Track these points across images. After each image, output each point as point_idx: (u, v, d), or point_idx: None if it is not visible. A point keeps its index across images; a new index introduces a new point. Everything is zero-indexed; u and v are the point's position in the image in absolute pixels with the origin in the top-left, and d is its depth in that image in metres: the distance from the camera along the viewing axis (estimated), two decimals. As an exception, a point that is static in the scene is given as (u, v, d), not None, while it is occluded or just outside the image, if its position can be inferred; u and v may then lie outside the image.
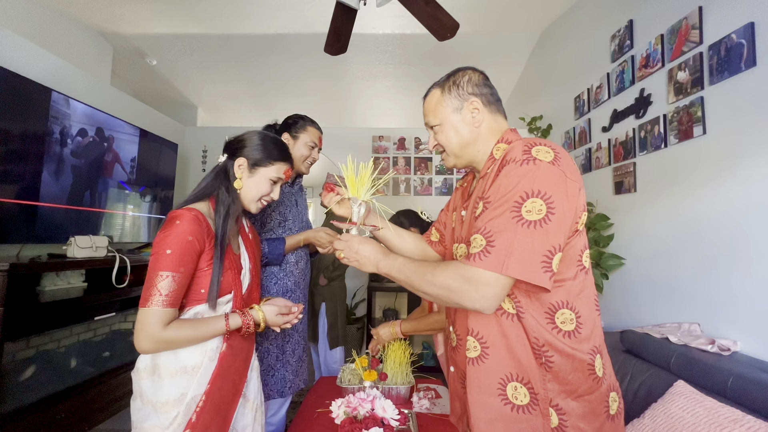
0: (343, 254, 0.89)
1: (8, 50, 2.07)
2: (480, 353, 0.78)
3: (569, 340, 0.73)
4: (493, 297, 0.69)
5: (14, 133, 1.95)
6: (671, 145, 1.64)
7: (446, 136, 0.87)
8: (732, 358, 1.20)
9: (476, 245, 0.71)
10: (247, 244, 1.10)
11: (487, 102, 0.85)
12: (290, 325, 1.07)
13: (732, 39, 1.37)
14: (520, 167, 0.71)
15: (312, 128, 1.48)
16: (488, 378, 0.76)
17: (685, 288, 1.55)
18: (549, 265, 0.67)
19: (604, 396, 0.76)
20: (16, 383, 1.68)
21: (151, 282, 0.84)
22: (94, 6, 2.65)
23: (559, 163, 0.71)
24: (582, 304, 0.75)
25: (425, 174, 3.88)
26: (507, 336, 0.75)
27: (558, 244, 0.68)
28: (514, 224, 0.68)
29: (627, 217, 1.92)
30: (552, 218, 0.68)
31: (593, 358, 0.75)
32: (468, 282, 0.70)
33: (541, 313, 0.74)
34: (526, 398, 0.74)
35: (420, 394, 1.45)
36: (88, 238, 2.08)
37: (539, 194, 0.68)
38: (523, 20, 2.87)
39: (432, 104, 0.88)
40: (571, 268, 0.75)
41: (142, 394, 0.91)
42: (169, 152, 3.20)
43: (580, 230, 0.76)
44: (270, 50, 3.23)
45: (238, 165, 1.03)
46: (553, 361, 0.73)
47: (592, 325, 0.76)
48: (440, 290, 0.73)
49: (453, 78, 0.87)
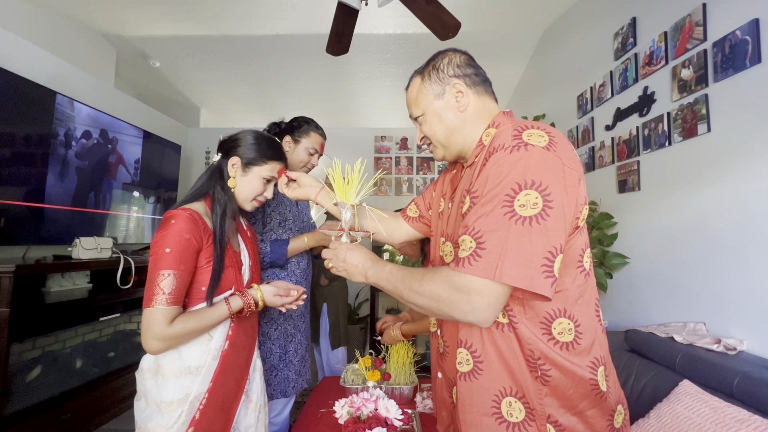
0: (331, 263, 0.82)
1: (13, 54, 2.08)
2: (473, 368, 0.70)
3: (567, 353, 0.66)
4: (488, 307, 0.60)
5: (20, 135, 1.97)
6: (675, 143, 1.63)
7: (430, 126, 0.79)
8: (738, 357, 1.19)
9: (465, 248, 0.62)
10: (246, 241, 1.11)
11: (471, 83, 0.77)
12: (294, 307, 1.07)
13: (736, 36, 1.36)
14: (510, 155, 0.61)
15: (316, 134, 1.44)
16: (481, 396, 0.69)
17: (691, 287, 1.54)
18: (550, 269, 0.58)
19: (608, 410, 0.69)
20: (22, 383, 1.70)
21: (152, 282, 0.85)
22: (97, 9, 2.67)
23: (554, 149, 0.62)
24: (581, 311, 0.67)
25: (428, 174, 3.88)
26: (499, 347, 0.68)
27: (559, 244, 0.59)
28: (507, 222, 0.59)
29: (631, 216, 1.91)
30: (550, 213, 0.58)
31: (595, 371, 0.67)
32: (458, 291, 0.61)
33: (536, 323, 0.66)
34: (521, 414, 0.67)
35: (423, 394, 1.45)
36: (92, 239, 2.10)
37: (533, 185, 0.59)
38: (524, 18, 2.86)
39: (413, 94, 0.81)
40: (570, 271, 0.67)
41: (146, 394, 0.91)
42: (173, 153, 3.22)
43: (581, 227, 0.67)
44: (272, 51, 3.24)
45: (232, 164, 1.04)
46: (550, 376, 0.66)
47: (593, 335, 0.68)
48: (429, 301, 0.65)
49: (432, 62, 0.80)
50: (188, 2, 2.59)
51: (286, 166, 1.12)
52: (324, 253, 0.84)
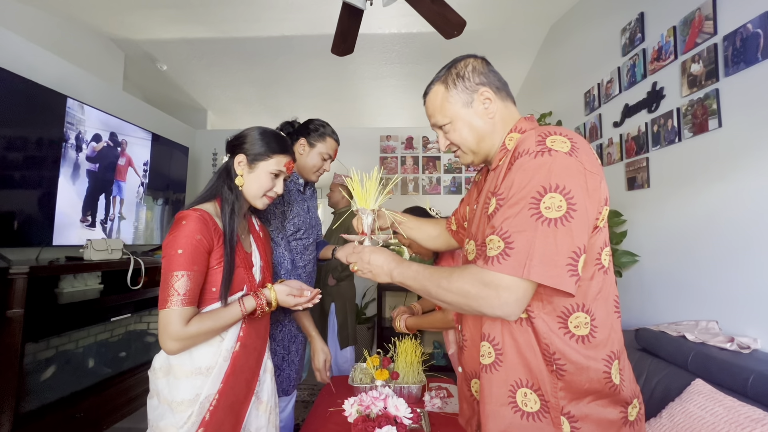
0: (356, 267, 0.86)
1: (24, 59, 2.12)
2: (494, 360, 0.73)
3: (582, 346, 0.68)
4: (516, 302, 0.64)
5: (31, 139, 2.01)
6: (685, 139, 1.61)
7: (460, 134, 0.81)
8: (752, 356, 1.17)
9: (493, 247, 0.66)
10: (258, 242, 1.11)
11: (496, 89, 0.80)
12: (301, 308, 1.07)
13: (748, 29, 1.33)
14: (534, 159, 0.65)
15: (331, 139, 1.42)
16: (500, 387, 0.72)
17: (702, 285, 1.52)
18: (575, 268, 0.62)
19: (621, 402, 0.71)
20: (36, 383, 1.73)
21: (167, 283, 0.86)
22: (106, 14, 2.71)
23: (576, 154, 0.65)
24: (599, 306, 0.70)
25: (433, 173, 3.87)
26: (517, 341, 0.71)
27: (582, 244, 0.63)
28: (534, 223, 0.63)
29: (640, 214, 1.89)
30: (574, 215, 0.62)
31: (609, 365, 0.69)
32: (487, 287, 0.65)
33: (554, 318, 0.69)
34: (536, 405, 0.69)
35: (432, 393, 1.44)
36: (103, 240, 2.13)
37: (557, 189, 0.63)
38: (530, 15, 2.84)
39: (437, 102, 0.82)
40: (589, 268, 0.69)
41: (158, 393, 0.93)
42: (180, 155, 3.25)
43: (600, 227, 0.70)
44: (278, 53, 3.26)
45: (238, 162, 1.04)
46: (566, 370, 0.68)
47: (609, 329, 0.71)
48: (457, 297, 0.69)
49: (455, 70, 0.80)
50: (195, 5, 2.61)
51: (294, 159, 1.11)
52: (348, 257, 0.88)
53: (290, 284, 1.07)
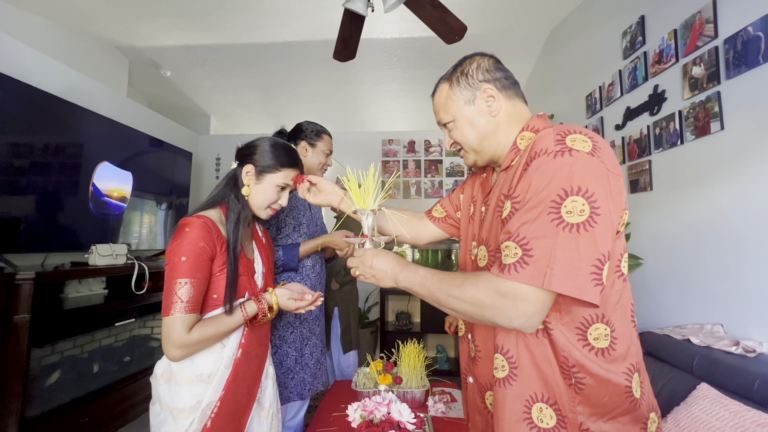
0: (358, 271, 0.80)
1: (29, 66, 2.15)
2: (508, 374, 0.69)
3: (602, 359, 0.64)
4: (534, 314, 0.59)
5: (37, 145, 2.03)
6: (688, 142, 1.61)
7: (461, 132, 0.78)
8: (758, 359, 1.16)
9: (509, 254, 0.61)
10: (260, 248, 1.11)
11: (502, 87, 0.76)
12: (303, 311, 1.06)
13: (748, 32, 1.34)
14: (554, 160, 0.60)
15: (326, 136, 1.53)
16: (514, 402, 0.68)
17: (707, 288, 1.51)
18: (599, 277, 0.57)
19: (642, 418, 0.67)
20: (42, 388, 1.74)
21: (170, 291, 0.86)
22: (111, 21, 2.74)
23: (599, 154, 0.61)
24: (618, 316, 0.66)
25: (435, 176, 3.87)
26: (533, 353, 0.67)
27: (607, 251, 0.58)
28: (554, 228, 0.58)
29: (643, 216, 1.88)
30: (597, 220, 0.58)
31: (630, 378, 0.65)
32: (503, 297, 0.60)
33: (572, 329, 0.65)
34: (553, 420, 0.65)
35: (435, 397, 1.44)
36: (108, 246, 2.14)
37: (579, 191, 0.58)
38: (531, 19, 2.85)
39: (441, 100, 0.80)
40: (610, 276, 0.65)
41: (160, 399, 0.93)
42: (184, 161, 3.28)
43: (621, 231, 0.66)
44: (280, 58, 3.28)
45: (246, 172, 1.04)
46: (585, 384, 0.64)
47: (629, 341, 0.67)
48: (470, 306, 0.64)
49: (460, 68, 0.79)
50: (198, 12, 2.64)
51: (302, 172, 1.11)
52: (349, 261, 0.83)
53: (291, 288, 1.06)
